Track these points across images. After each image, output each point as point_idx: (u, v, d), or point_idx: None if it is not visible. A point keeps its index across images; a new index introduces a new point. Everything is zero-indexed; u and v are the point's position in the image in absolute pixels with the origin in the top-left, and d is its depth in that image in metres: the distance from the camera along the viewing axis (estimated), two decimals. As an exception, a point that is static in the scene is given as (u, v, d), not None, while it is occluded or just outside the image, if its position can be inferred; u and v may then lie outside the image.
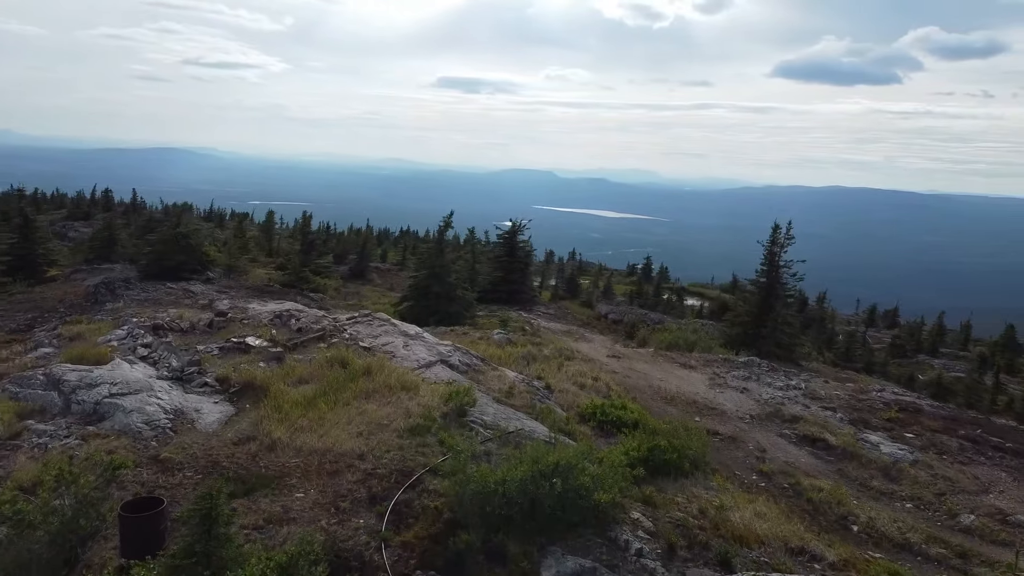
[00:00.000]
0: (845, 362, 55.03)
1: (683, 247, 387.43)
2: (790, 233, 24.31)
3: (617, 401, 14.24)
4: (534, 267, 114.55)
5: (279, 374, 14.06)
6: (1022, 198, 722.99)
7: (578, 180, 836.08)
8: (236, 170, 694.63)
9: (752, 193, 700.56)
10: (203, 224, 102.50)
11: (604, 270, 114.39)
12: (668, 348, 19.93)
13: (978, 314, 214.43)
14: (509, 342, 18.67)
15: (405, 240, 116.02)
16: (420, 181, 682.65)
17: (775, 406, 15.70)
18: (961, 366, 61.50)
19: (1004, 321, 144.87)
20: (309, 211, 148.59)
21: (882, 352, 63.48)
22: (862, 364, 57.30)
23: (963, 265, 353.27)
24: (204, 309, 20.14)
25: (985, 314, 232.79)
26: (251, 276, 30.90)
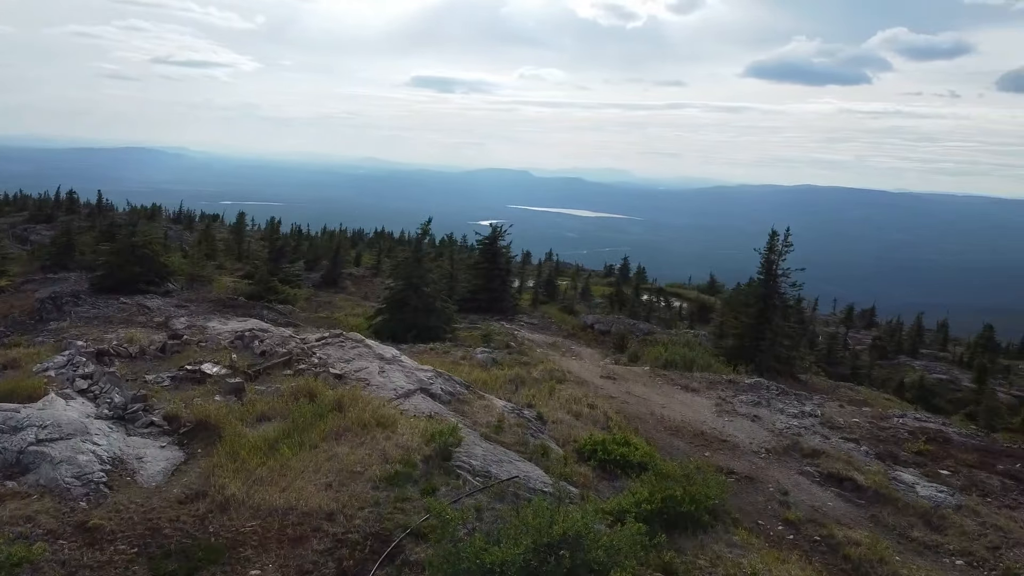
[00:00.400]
0: (829, 365, 54.14)
1: (657, 246, 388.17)
2: (788, 240, 22.92)
3: (619, 435, 12.69)
4: (513, 267, 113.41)
5: (237, 410, 12.28)
6: (988, 196, 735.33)
7: (553, 179, 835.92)
8: (208, 170, 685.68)
9: (725, 192, 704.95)
10: (172, 226, 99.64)
11: (581, 271, 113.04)
12: (666, 366, 18.44)
13: (946, 310, 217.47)
14: (495, 363, 17.02)
15: (380, 242, 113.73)
16: (395, 180, 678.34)
17: (792, 437, 14.23)
18: (942, 367, 60.88)
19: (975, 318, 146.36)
20: (282, 212, 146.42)
21: (863, 354, 62.77)
22: (848, 368, 56.44)
23: (932, 262, 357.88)
24: (159, 328, 18.20)
25: (954, 310, 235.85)
26: (216, 286, 28.91)
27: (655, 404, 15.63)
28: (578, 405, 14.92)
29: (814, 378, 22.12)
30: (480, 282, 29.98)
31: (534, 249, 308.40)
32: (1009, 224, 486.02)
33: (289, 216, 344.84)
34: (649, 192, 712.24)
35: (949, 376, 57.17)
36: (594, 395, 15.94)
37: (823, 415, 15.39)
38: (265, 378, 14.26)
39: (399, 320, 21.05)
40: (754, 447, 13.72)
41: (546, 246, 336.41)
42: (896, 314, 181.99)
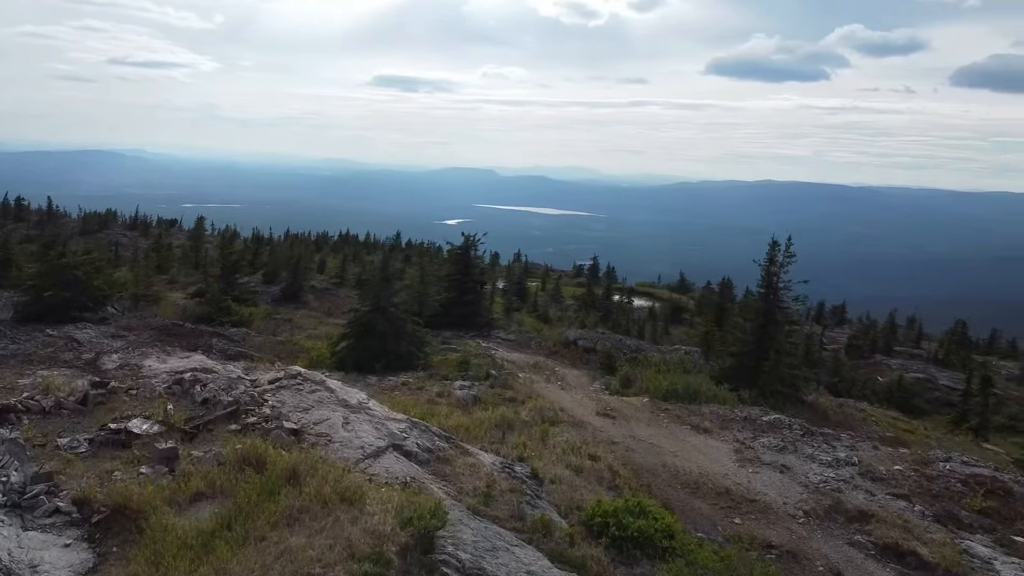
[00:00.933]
0: (808, 367, 52.70)
1: (622, 243, 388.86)
2: (790, 250, 21.02)
3: (631, 500, 10.57)
4: (485, 280, 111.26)
5: (166, 489, 9.86)
6: (944, 189, 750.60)
7: (518, 178, 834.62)
8: (168, 172, 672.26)
9: (688, 189, 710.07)
10: (127, 233, 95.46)
11: (551, 272, 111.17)
12: (667, 398, 16.42)
13: (913, 304, 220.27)
14: (476, 401, 14.81)
15: (345, 247, 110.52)
16: (360, 181, 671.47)
17: (832, 495, 12.25)
18: (918, 365, 59.86)
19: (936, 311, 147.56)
20: (244, 215, 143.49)
21: (840, 353, 61.58)
22: (829, 371, 55.15)
23: (890, 255, 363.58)
24: (85, 369, 15.59)
25: (914, 303, 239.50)
26: (163, 306, 26.18)
27: (666, 451, 13.52)
28: (577, 456, 12.74)
29: (821, 400, 20.31)
30: (453, 295, 27.69)
31: (501, 248, 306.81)
32: (964, 216, 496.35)
33: (251, 219, 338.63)
34: (613, 189, 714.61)
35: (926, 375, 56.16)
36: (593, 440, 13.77)
37: (861, 462, 13.45)
38: (206, 436, 11.86)
39: (365, 347, 18.68)
40: (790, 509, 11.70)
41: (512, 245, 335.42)
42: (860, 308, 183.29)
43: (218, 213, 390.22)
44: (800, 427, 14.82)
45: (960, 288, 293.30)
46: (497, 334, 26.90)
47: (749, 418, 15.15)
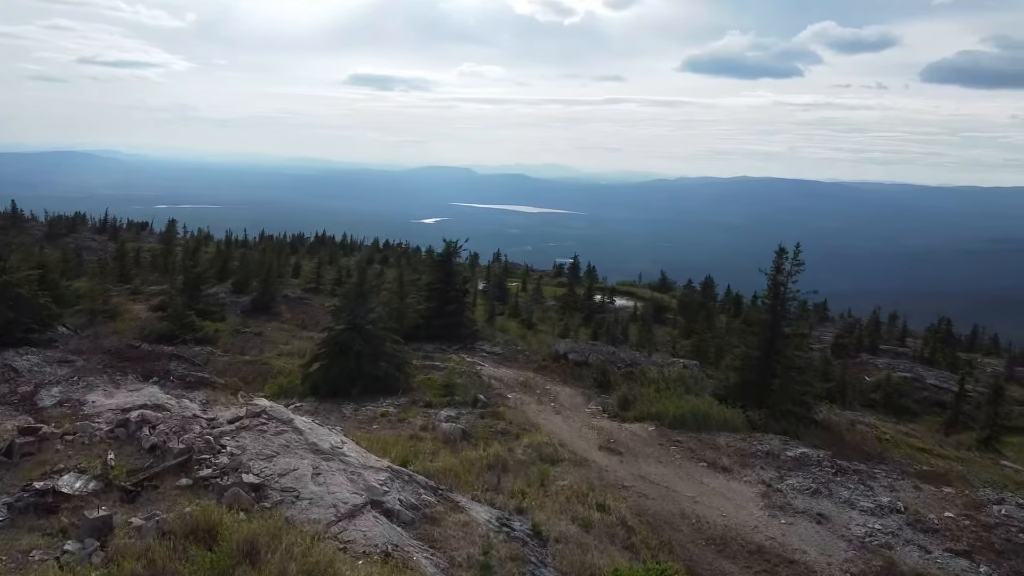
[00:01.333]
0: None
1: (601, 240, 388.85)
2: (799, 259, 19.50)
3: (654, 568, 8.92)
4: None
5: (93, 575, 8.09)
6: (915, 184, 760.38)
7: (496, 176, 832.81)
8: (143, 172, 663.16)
9: (665, 185, 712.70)
10: (96, 237, 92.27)
11: (531, 271, 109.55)
12: (674, 425, 14.81)
13: (879, 296, 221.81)
14: (465, 436, 13.06)
15: (322, 249, 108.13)
16: (336, 180, 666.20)
17: (881, 553, 10.61)
18: (905, 364, 58.97)
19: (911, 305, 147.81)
20: (220, 215, 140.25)
21: (826, 352, 60.52)
22: (820, 373, 54.05)
23: (863, 250, 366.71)
24: (19, 406, 13.67)
25: (889, 297, 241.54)
26: (122, 322, 24.13)
27: (683, 496, 11.86)
28: (584, 506, 10.99)
29: (832, 418, 18.84)
30: (434, 305, 25.92)
31: (479, 247, 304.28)
32: (936, 211, 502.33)
33: (228, 220, 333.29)
34: (591, 187, 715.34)
35: (913, 374, 55.27)
36: (600, 483, 12.03)
37: (907, 509, 11.88)
38: (151, 495, 10.02)
39: (340, 369, 16.86)
40: (835, 571, 10.07)
41: (491, 243, 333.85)
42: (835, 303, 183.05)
43: (194, 214, 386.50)
44: (830, 463, 13.18)
45: (932, 282, 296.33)
46: (482, 346, 25.19)
47: (771, 453, 13.47)
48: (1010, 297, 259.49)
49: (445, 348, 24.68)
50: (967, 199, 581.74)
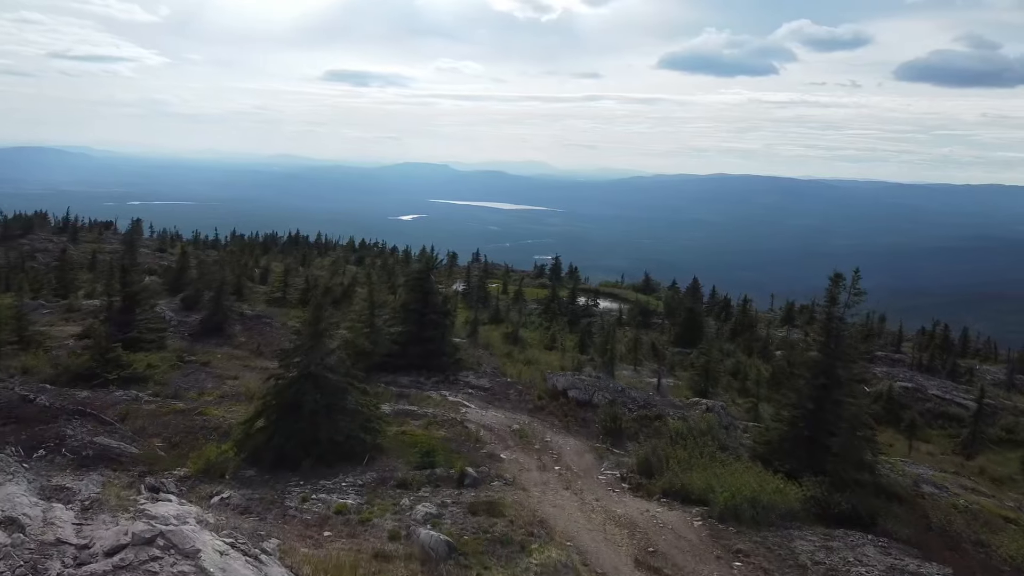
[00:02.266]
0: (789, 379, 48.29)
1: (579, 237, 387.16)
2: (857, 285, 15.98)
3: None
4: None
5: None
6: (888, 182, 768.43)
7: (474, 173, 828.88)
8: (114, 169, 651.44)
9: (643, 183, 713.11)
10: (54, 238, 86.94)
11: (511, 272, 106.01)
12: (726, 516, 11.13)
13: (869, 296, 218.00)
14: (450, 552, 9.05)
15: (296, 249, 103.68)
16: (312, 177, 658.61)
17: None
18: (903, 372, 56.16)
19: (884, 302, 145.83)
20: (193, 213, 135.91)
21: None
22: None
23: (837, 247, 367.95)
24: None
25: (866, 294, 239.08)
26: (31, 358, 19.70)
27: None
28: None
29: (897, 480, 15.33)
30: (410, 329, 22.19)
31: (458, 244, 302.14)
32: (907, 208, 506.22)
33: (202, 217, 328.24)
34: (569, 184, 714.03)
35: (914, 383, 52.33)
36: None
37: None
38: None
39: (289, 433, 13.02)
40: None
41: (469, 240, 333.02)
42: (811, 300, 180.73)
43: (167, 211, 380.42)
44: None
45: (905, 279, 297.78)
46: (465, 378, 21.49)
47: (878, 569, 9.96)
48: (982, 294, 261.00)
49: (423, 382, 20.93)
50: (939, 196, 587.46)
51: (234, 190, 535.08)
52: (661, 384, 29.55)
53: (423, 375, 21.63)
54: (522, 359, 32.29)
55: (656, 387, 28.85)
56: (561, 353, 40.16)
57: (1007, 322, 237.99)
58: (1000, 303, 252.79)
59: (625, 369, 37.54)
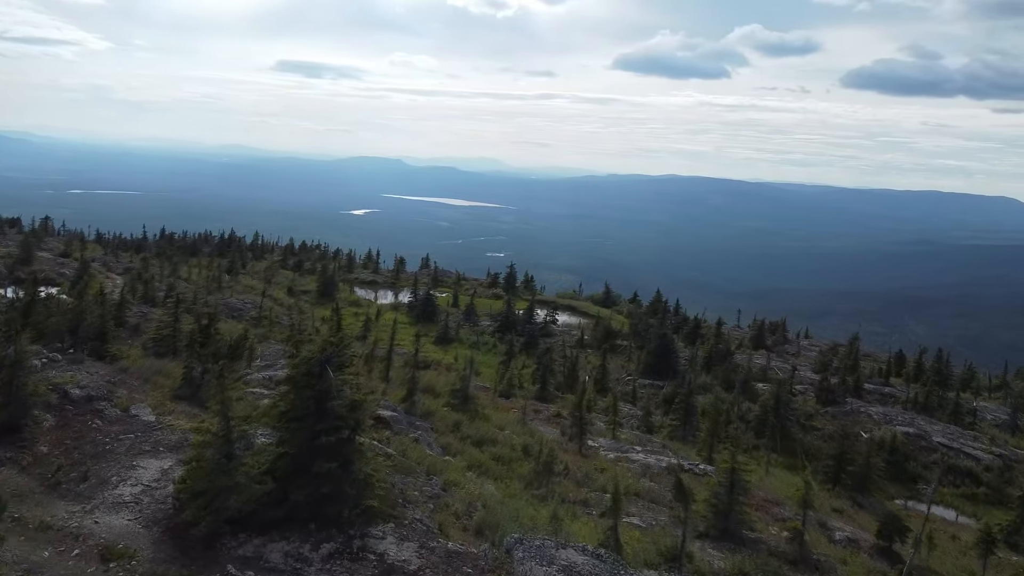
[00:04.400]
0: (782, 438, 41.23)
1: (531, 235, 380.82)
2: None
3: None
4: (382, 278, 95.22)
5: None
6: (832, 186, 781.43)
7: (427, 169, 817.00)
8: (55, 156, 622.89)
9: (595, 182, 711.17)
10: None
11: (463, 280, 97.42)
12: None
13: (798, 294, 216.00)
14: None
15: (229, 251, 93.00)
16: (263, 169, 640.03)
17: None
18: (902, 415, 49.37)
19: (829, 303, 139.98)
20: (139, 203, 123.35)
21: (807, 399, 50.43)
22: (820, 432, 43.81)
23: (785, 249, 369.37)
24: None
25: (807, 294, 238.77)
26: None
27: None
28: None
29: None
30: (292, 456, 13.67)
31: (409, 240, 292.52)
32: (851, 212, 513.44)
33: (148, 207, 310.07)
34: (522, 182, 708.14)
35: (915, 428, 45.64)
36: None
37: None
38: None
39: None
40: None
41: (421, 236, 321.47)
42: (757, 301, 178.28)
43: (111, 200, 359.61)
44: None
45: (848, 281, 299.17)
46: (379, 543, 12.96)
47: None
48: (921, 298, 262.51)
49: (307, 556, 12.42)
50: (880, 201, 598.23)
51: (181, 180, 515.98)
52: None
53: (310, 539, 12.99)
54: (473, 435, 24.05)
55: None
56: (522, 405, 31.90)
57: (944, 326, 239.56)
58: (938, 307, 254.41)
59: (600, 438, 29.32)
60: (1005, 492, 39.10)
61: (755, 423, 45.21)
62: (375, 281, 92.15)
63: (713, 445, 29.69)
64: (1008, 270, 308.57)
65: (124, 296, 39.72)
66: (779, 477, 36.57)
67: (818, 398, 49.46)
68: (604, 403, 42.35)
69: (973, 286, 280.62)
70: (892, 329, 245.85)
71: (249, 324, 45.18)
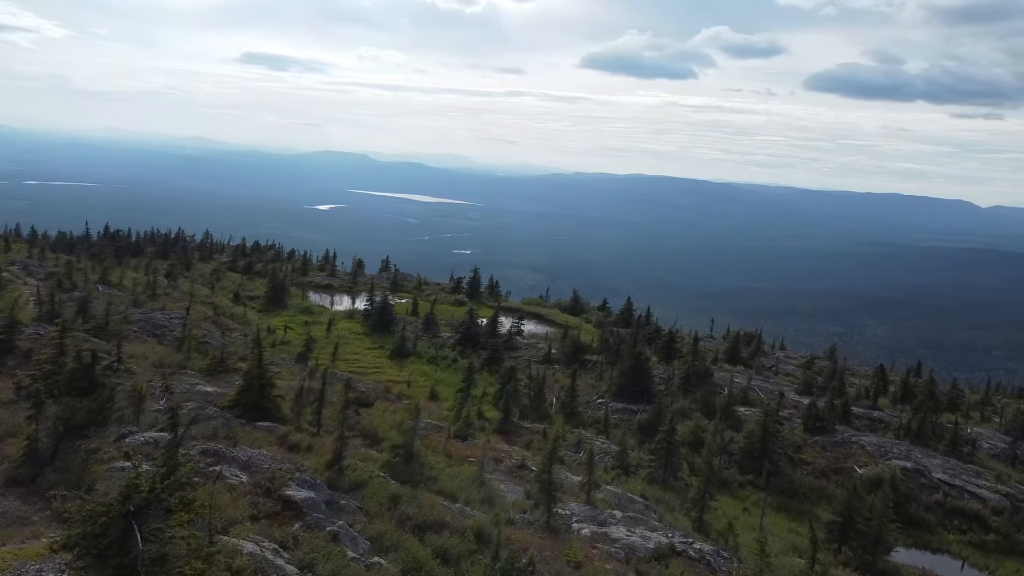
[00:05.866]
0: (757, 458, 36.58)
1: (497, 232, 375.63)
2: None
3: None
4: (339, 282, 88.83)
5: None
6: (796, 188, 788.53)
7: (393, 164, 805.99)
8: (10, 146, 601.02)
9: (562, 180, 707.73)
10: None
11: (424, 285, 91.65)
12: None
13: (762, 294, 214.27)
14: None
15: (173, 253, 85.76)
16: (227, 162, 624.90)
17: None
18: (897, 446, 44.91)
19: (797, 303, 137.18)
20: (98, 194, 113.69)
21: (793, 427, 45.81)
22: (809, 467, 39.19)
23: (749, 249, 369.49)
24: None
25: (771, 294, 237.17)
26: None
27: None
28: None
29: None
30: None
31: (375, 236, 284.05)
32: (813, 213, 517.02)
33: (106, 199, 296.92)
34: (489, 179, 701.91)
35: (913, 462, 41.24)
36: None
37: None
38: None
39: None
40: None
41: (387, 232, 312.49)
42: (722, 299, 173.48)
43: (66, 192, 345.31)
44: None
45: (810, 281, 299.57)
46: None
47: None
48: (881, 299, 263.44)
49: None
50: (842, 203, 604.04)
51: (141, 172, 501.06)
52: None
53: None
54: (415, 515, 18.74)
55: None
56: (481, 450, 26.59)
57: (903, 327, 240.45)
58: (897, 308, 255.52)
59: (572, 503, 24.00)
60: (1016, 540, 35.03)
61: (740, 455, 40.75)
62: (331, 285, 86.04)
63: (704, 504, 24.91)
64: (964, 272, 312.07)
65: (14, 314, 33.41)
66: (775, 523, 32.02)
67: (806, 426, 44.77)
68: (574, 438, 37.37)
69: (931, 288, 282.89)
70: (852, 329, 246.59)
71: (170, 347, 39.06)
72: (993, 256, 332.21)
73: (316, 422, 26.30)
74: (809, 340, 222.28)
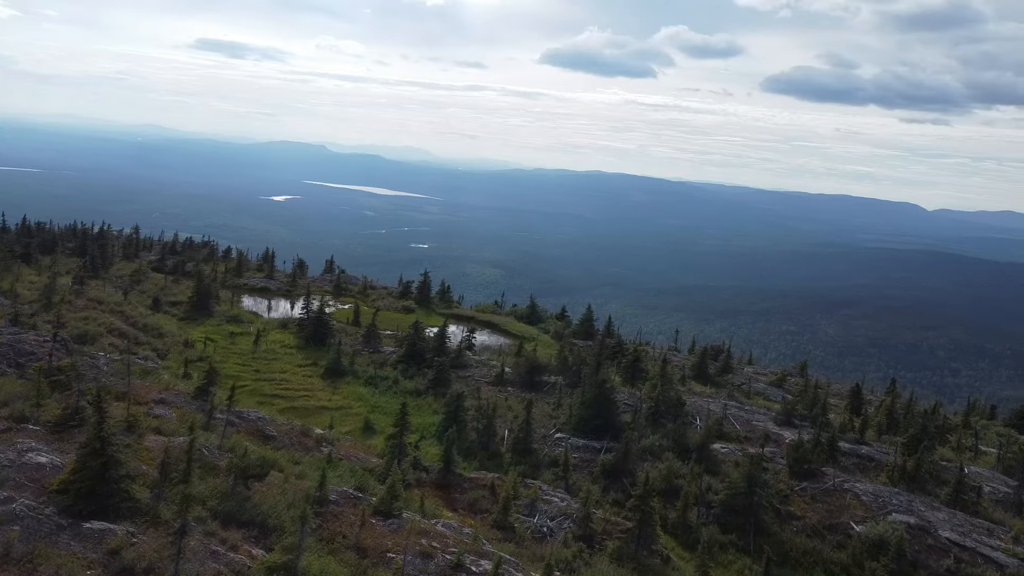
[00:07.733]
0: (756, 532, 30.34)
1: (456, 226, 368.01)
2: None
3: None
4: (278, 284, 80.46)
5: None
6: (751, 188, 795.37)
7: (351, 156, 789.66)
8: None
9: (522, 175, 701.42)
10: None
11: (370, 289, 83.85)
12: None
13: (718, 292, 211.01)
14: None
15: (95, 249, 75.77)
16: (180, 150, 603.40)
17: None
18: (895, 496, 38.95)
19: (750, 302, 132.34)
20: (41, 181, 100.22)
21: (778, 470, 39.60)
22: (794, 523, 32.90)
23: (704, 246, 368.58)
24: None
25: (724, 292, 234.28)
26: None
27: None
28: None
29: None
30: None
31: (331, 229, 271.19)
32: (767, 213, 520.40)
33: (49, 186, 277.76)
34: (448, 172, 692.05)
35: (916, 517, 35.29)
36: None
37: None
38: None
39: None
40: None
41: (344, 225, 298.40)
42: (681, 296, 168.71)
43: (7, 178, 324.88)
44: None
45: (763, 280, 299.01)
46: None
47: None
48: (832, 299, 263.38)
49: None
50: (795, 204, 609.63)
51: (90, 158, 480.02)
52: None
53: None
54: None
55: None
56: (405, 541, 19.42)
57: (854, 326, 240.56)
58: (848, 307, 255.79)
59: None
60: (1042, 620, 29.28)
61: (720, 509, 34.53)
62: (268, 288, 77.49)
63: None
64: (911, 273, 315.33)
65: None
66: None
67: (791, 469, 38.54)
68: (528, 493, 30.74)
69: (879, 288, 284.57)
70: (804, 328, 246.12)
71: (29, 383, 30.86)
72: (939, 258, 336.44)
73: (183, 512, 18.73)
74: (763, 339, 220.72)
